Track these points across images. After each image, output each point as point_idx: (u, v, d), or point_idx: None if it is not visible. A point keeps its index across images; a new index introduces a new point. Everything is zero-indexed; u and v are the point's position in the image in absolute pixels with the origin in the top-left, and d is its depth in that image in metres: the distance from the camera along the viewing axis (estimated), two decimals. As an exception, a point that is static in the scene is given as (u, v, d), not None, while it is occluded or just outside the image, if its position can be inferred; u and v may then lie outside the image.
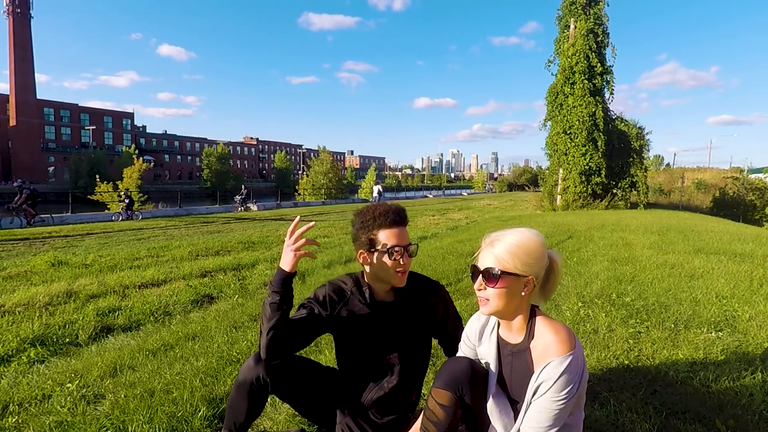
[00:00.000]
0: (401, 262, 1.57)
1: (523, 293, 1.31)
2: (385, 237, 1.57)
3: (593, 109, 17.32)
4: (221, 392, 2.25)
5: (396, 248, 1.55)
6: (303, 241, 1.52)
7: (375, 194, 32.72)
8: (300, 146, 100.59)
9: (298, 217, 1.60)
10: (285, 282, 1.52)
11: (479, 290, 1.32)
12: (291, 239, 1.52)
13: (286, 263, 1.52)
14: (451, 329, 1.76)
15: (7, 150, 59.17)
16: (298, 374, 1.67)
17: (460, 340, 1.64)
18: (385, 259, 1.57)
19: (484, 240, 1.36)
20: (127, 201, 19.12)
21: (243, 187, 26.31)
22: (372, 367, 1.69)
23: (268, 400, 2.15)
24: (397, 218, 1.58)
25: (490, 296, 1.31)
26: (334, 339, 1.73)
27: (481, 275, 1.31)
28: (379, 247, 1.57)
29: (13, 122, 57.90)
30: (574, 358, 1.23)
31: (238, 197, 25.39)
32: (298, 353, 1.71)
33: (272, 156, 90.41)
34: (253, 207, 25.96)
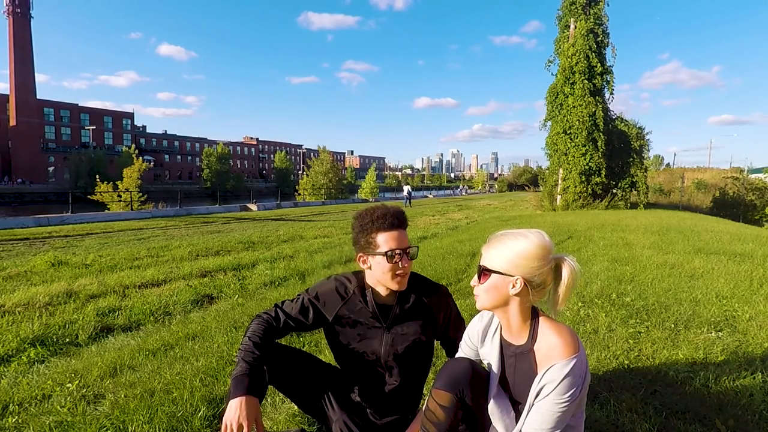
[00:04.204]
0: (400, 266, 1.56)
1: (512, 293, 1.28)
2: (383, 240, 1.56)
3: (593, 109, 17.33)
4: (221, 392, 2.25)
5: (397, 252, 1.55)
6: None
7: (405, 193, 33.19)
8: (300, 146, 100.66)
9: None
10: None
11: (473, 285, 1.38)
12: None
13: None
14: (453, 334, 1.73)
15: (7, 150, 59.22)
16: (296, 366, 1.67)
17: None
18: (384, 262, 1.56)
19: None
20: None
21: None
22: (371, 369, 1.69)
23: (268, 399, 2.16)
24: (396, 221, 1.58)
25: (479, 292, 1.35)
26: (331, 337, 1.72)
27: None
28: (378, 251, 1.56)
29: (13, 122, 57.95)
30: (578, 360, 1.22)
31: None
32: (298, 348, 1.73)
33: (272, 156, 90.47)
34: (253, 207, 25.86)
